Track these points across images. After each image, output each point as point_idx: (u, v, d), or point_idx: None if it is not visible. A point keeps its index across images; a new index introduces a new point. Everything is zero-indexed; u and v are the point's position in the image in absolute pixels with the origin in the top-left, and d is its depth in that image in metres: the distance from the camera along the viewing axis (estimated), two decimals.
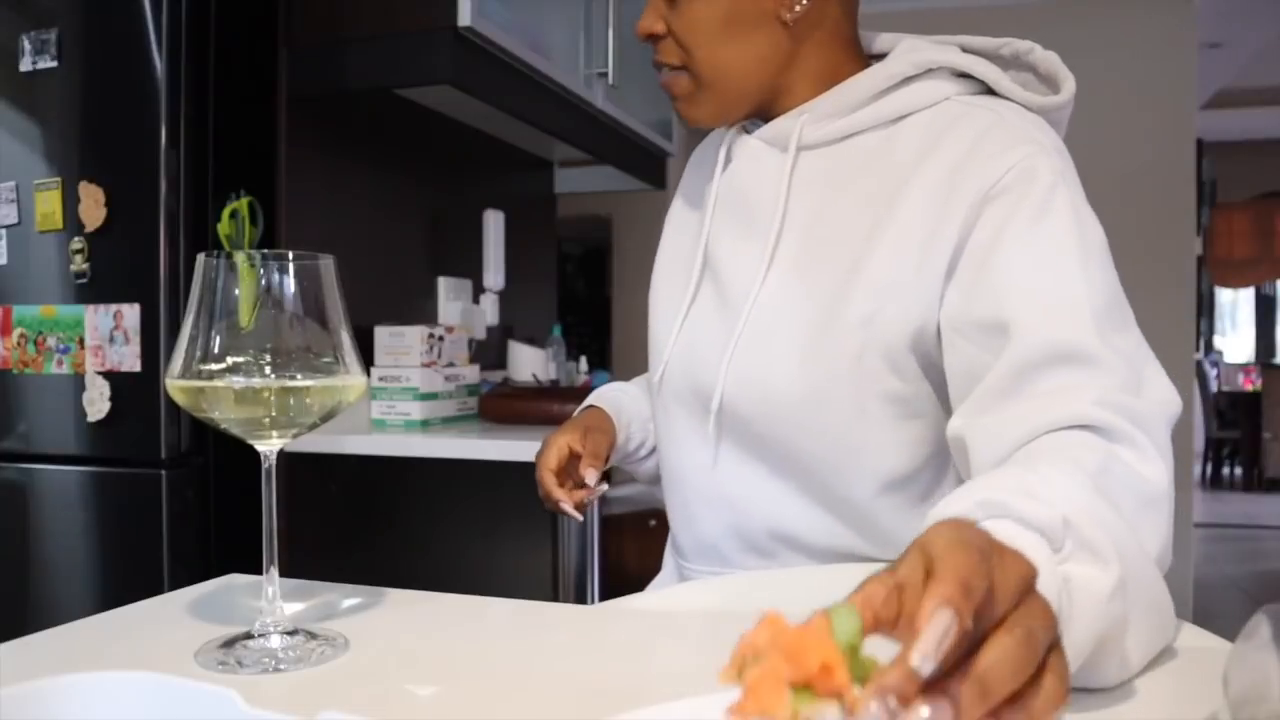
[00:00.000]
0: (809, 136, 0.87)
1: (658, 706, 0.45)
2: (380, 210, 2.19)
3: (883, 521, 0.84)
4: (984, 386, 0.73)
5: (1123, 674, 0.54)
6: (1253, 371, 7.92)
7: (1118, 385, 0.68)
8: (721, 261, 0.91)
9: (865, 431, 0.82)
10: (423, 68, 1.88)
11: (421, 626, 0.71)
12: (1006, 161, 0.76)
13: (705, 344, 0.90)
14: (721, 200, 0.93)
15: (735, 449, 0.89)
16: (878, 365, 0.81)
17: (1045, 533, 0.50)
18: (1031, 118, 0.83)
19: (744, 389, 0.86)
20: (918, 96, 0.84)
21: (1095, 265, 0.75)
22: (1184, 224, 3.19)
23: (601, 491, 0.98)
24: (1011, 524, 0.50)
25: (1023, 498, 0.51)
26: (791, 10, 0.84)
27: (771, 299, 0.85)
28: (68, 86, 1.80)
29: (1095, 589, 0.49)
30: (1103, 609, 0.49)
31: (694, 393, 0.91)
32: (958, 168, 0.78)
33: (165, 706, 0.49)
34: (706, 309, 0.92)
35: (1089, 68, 3.20)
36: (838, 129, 0.86)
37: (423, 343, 1.96)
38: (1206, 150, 5.59)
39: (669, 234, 1.03)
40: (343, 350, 0.64)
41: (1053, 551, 0.50)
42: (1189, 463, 3.27)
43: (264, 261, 0.62)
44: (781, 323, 0.84)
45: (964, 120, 0.81)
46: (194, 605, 0.75)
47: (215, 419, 0.63)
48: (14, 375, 1.85)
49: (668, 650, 0.68)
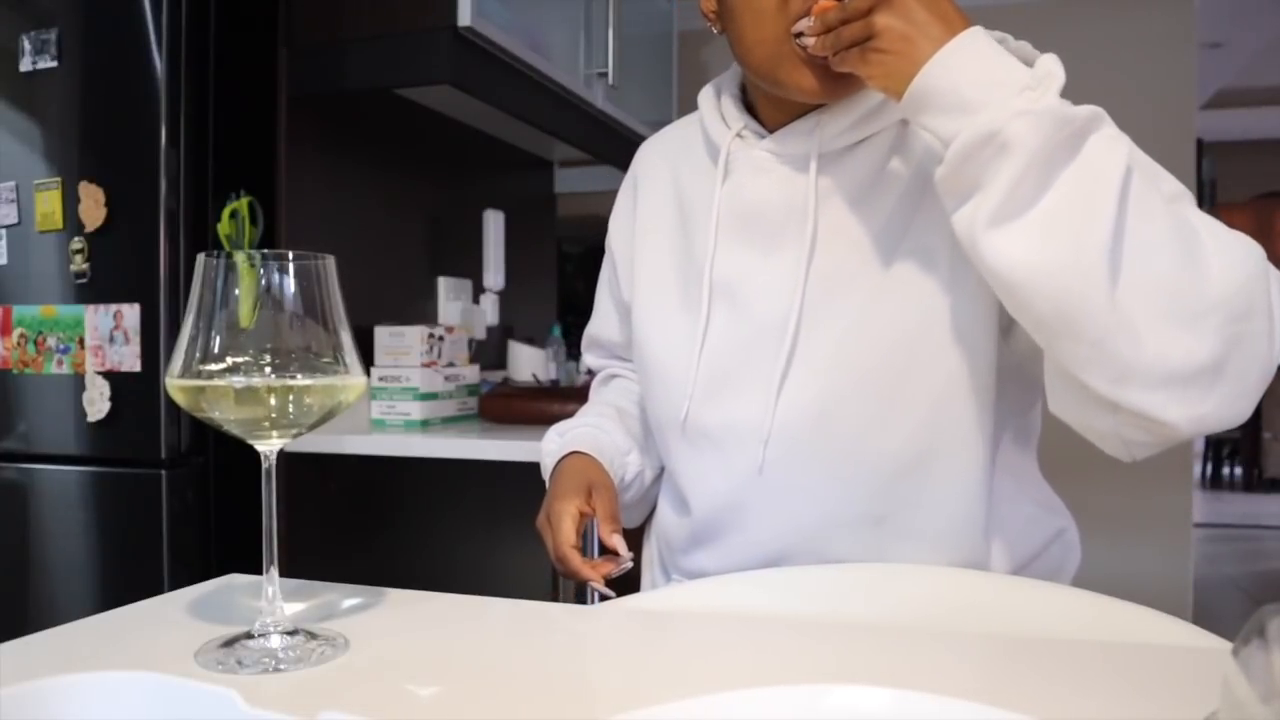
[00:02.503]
0: (827, 143, 0.85)
1: (658, 706, 0.45)
2: (380, 210, 2.19)
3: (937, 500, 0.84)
4: None
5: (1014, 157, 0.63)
6: None
7: None
8: (738, 282, 0.88)
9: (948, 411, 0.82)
10: (422, 68, 1.88)
11: (421, 626, 0.71)
12: None
13: (740, 376, 0.87)
14: (727, 216, 0.89)
15: (782, 473, 0.86)
16: (937, 365, 0.81)
17: (1026, 69, 0.66)
18: None
19: (800, 415, 0.84)
20: None
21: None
22: None
23: (628, 563, 0.87)
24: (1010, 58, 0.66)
25: (1046, 61, 0.67)
26: None
27: (813, 316, 0.84)
28: (68, 86, 1.80)
29: (1004, 104, 0.64)
30: (995, 123, 0.63)
31: (729, 427, 0.87)
32: None
33: (165, 706, 0.49)
34: (727, 334, 0.88)
35: (1089, 68, 3.21)
36: (850, 137, 0.85)
37: (423, 343, 1.96)
38: (1206, 150, 5.59)
39: (646, 247, 0.97)
40: (343, 350, 0.64)
41: (1018, 87, 0.64)
42: (1189, 463, 3.26)
43: (264, 261, 0.62)
44: (830, 336, 0.83)
45: None
46: (194, 605, 0.75)
47: (215, 419, 0.63)
48: (14, 375, 1.85)
49: (668, 650, 0.68)
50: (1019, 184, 0.62)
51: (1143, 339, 0.62)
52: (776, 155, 0.87)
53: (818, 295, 0.84)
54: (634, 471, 1.01)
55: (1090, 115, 0.65)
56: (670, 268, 0.94)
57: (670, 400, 0.92)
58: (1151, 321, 0.62)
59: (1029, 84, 0.64)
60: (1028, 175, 0.62)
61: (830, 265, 0.84)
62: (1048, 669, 0.61)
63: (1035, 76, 0.65)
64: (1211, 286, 0.63)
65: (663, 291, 0.94)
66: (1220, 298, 0.63)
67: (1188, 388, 0.63)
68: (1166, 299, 0.62)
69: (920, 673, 0.61)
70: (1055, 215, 0.62)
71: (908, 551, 0.85)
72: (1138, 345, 0.62)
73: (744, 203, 0.88)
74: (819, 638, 0.70)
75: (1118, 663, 0.61)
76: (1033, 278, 0.63)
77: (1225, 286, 0.63)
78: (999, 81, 0.65)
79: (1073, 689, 0.56)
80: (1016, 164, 0.62)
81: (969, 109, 0.65)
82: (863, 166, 0.85)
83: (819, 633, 0.72)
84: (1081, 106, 0.65)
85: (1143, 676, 0.58)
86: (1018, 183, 0.62)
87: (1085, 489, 3.17)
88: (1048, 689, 0.57)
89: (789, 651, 0.66)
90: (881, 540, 0.85)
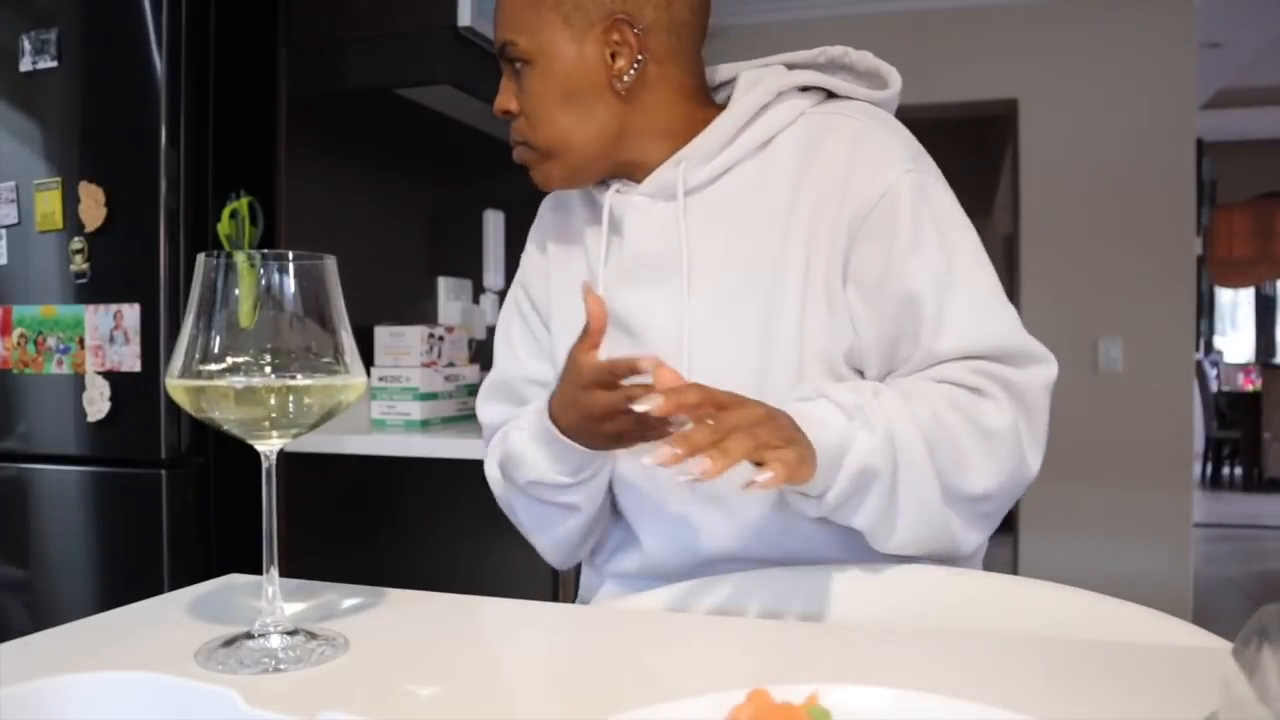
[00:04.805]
0: (692, 180, 0.91)
1: (658, 706, 0.45)
2: (380, 210, 2.19)
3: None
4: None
5: (884, 522, 0.79)
6: (1253, 371, 7.92)
7: (999, 358, 0.84)
8: (632, 317, 0.92)
9: None
10: (422, 68, 1.88)
11: (421, 626, 0.71)
12: (879, 187, 0.85)
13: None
14: (615, 259, 0.94)
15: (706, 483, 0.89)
16: (820, 377, 0.86)
17: (843, 407, 0.77)
18: (879, 113, 0.92)
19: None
20: (778, 118, 0.90)
21: (969, 265, 0.86)
22: (1184, 224, 3.19)
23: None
24: (822, 401, 0.77)
25: (842, 389, 0.79)
26: (620, 80, 0.89)
27: (701, 342, 0.88)
28: (68, 86, 1.80)
29: (862, 442, 0.76)
30: (863, 456, 0.75)
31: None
32: (840, 181, 0.86)
33: (165, 706, 0.49)
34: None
35: (1089, 68, 3.22)
36: (716, 166, 0.90)
37: (423, 343, 1.96)
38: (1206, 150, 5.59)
39: (557, 295, 1.00)
40: (343, 350, 0.64)
41: (847, 419, 0.76)
42: (1189, 463, 3.26)
43: (264, 261, 0.62)
44: (721, 359, 0.87)
45: (833, 131, 0.89)
46: (194, 605, 0.75)
47: (215, 419, 0.63)
48: (14, 375, 1.85)
49: (668, 650, 0.68)
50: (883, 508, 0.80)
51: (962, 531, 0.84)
52: (651, 197, 0.92)
53: (706, 319, 0.88)
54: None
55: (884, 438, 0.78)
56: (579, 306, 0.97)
57: None
58: (966, 524, 0.84)
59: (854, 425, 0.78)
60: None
61: (711, 290, 0.89)
62: (1048, 669, 0.61)
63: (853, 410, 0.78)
64: (978, 486, 0.82)
65: (575, 324, 0.95)
66: (985, 491, 0.82)
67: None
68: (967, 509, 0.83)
69: (920, 673, 0.61)
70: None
71: (817, 549, 0.88)
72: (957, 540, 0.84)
73: (629, 248, 0.93)
74: (819, 638, 0.70)
75: (1118, 663, 0.61)
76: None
77: (991, 485, 0.82)
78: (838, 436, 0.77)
79: (1073, 689, 0.56)
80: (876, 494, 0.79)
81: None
82: (732, 194, 0.90)
83: (819, 633, 0.72)
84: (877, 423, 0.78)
85: (1143, 676, 0.59)
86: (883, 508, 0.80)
87: (1085, 489, 3.19)
88: (1048, 689, 0.57)
89: (789, 651, 0.66)
90: (791, 539, 0.88)
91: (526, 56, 0.90)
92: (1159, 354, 3.20)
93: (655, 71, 0.90)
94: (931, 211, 0.86)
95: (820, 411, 0.76)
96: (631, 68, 0.89)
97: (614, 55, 0.89)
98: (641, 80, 0.90)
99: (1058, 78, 3.25)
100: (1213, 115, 5.85)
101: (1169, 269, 3.18)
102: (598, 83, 0.89)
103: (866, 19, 3.34)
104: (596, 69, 0.89)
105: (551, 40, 0.88)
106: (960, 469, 0.80)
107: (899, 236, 0.84)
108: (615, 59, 0.89)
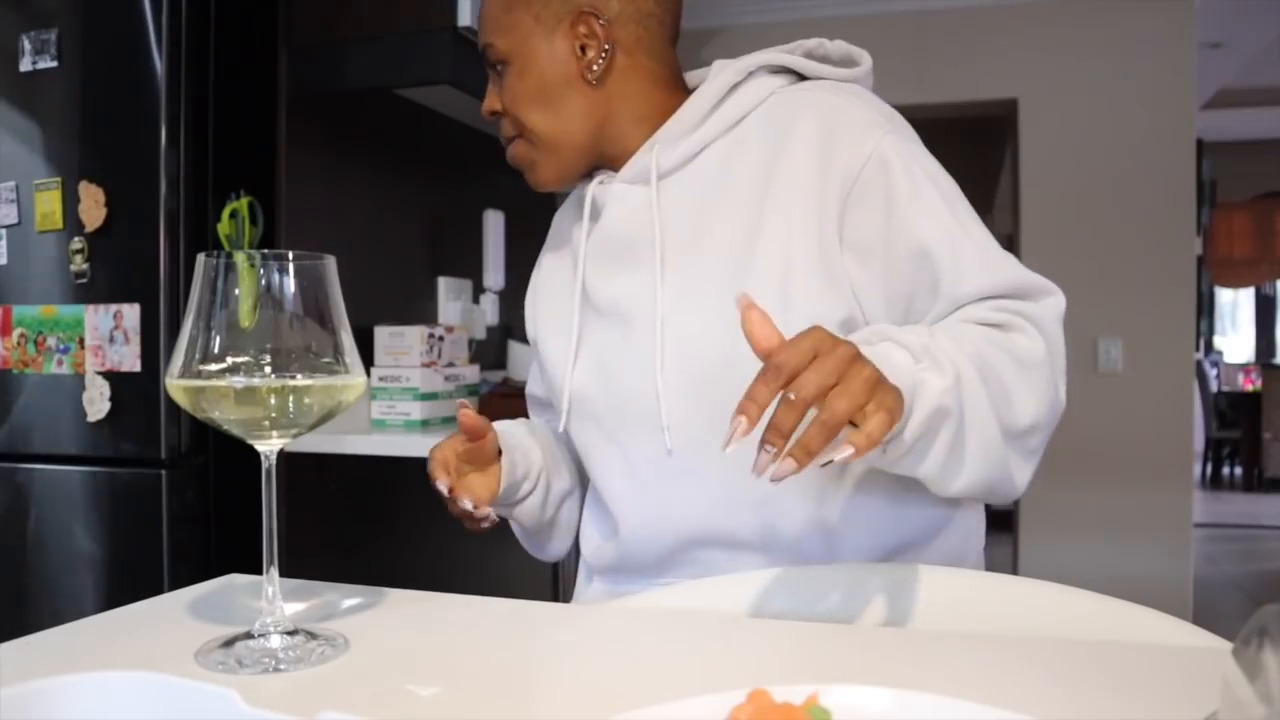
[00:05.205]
0: (665, 162, 0.93)
1: (658, 706, 0.45)
2: (380, 210, 2.19)
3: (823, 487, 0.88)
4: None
5: (951, 465, 0.76)
6: (1253, 371, 7.92)
7: (1016, 295, 0.86)
8: (610, 301, 0.94)
9: None
10: (422, 68, 1.88)
11: (421, 626, 0.71)
12: (864, 151, 0.86)
13: (622, 369, 0.92)
14: (595, 246, 0.97)
15: (685, 456, 0.89)
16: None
17: (910, 349, 0.74)
18: (850, 86, 0.93)
19: (683, 393, 0.88)
20: (748, 97, 0.93)
21: (965, 214, 0.87)
22: (1184, 224, 3.19)
23: (487, 512, 0.87)
24: (888, 344, 0.74)
25: (901, 331, 0.76)
26: (590, 70, 0.93)
27: (676, 323, 0.89)
28: (68, 86, 1.80)
29: (933, 382, 0.72)
30: (936, 397, 0.71)
31: (626, 415, 0.92)
32: (819, 151, 0.87)
33: (165, 706, 0.49)
34: (607, 342, 0.94)
35: (1089, 68, 3.21)
36: (688, 147, 0.93)
37: (423, 343, 1.96)
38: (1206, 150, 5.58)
39: (542, 306, 1.04)
40: (343, 350, 0.64)
41: (913, 361, 0.73)
42: (1189, 463, 3.26)
43: (264, 261, 0.62)
44: (695, 339, 0.88)
45: (804, 104, 0.90)
46: (194, 605, 0.75)
47: (215, 419, 0.63)
48: (14, 375, 1.85)
49: (668, 650, 0.68)
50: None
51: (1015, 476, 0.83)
52: (629, 183, 0.95)
53: (682, 293, 0.89)
54: (536, 466, 1.00)
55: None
56: (560, 305, 1.01)
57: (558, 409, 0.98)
58: (1019, 464, 0.83)
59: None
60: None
61: (686, 264, 0.90)
62: (1048, 669, 0.61)
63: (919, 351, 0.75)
64: (1025, 419, 0.81)
65: (556, 328, 1.01)
66: (1032, 423, 0.82)
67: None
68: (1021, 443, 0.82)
69: (920, 673, 0.61)
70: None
71: (792, 526, 0.88)
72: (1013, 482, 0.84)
73: (608, 232, 0.96)
74: (819, 638, 0.70)
75: (1118, 663, 0.61)
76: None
77: (1037, 416, 0.82)
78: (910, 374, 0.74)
79: (1073, 689, 0.56)
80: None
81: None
82: (705, 174, 0.92)
83: (819, 633, 0.72)
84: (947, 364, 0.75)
85: (1143, 676, 0.59)
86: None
87: (1085, 489, 3.19)
88: (1048, 689, 0.57)
89: (789, 651, 0.66)
90: (768, 510, 0.88)
91: (505, 57, 0.95)
92: (1159, 354, 3.19)
93: (625, 61, 0.94)
94: (921, 167, 0.87)
95: (891, 354, 0.73)
96: (600, 57, 0.92)
97: (583, 48, 0.93)
98: (611, 69, 0.93)
99: (1058, 78, 3.24)
100: (1213, 115, 5.86)
101: (1169, 269, 3.18)
102: (569, 75, 0.93)
103: (866, 19, 3.34)
104: (567, 62, 0.93)
105: (524, 40, 0.93)
106: (1008, 403, 0.79)
107: (896, 193, 0.85)
108: (585, 51, 0.93)
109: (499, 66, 0.96)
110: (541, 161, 0.97)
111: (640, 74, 0.95)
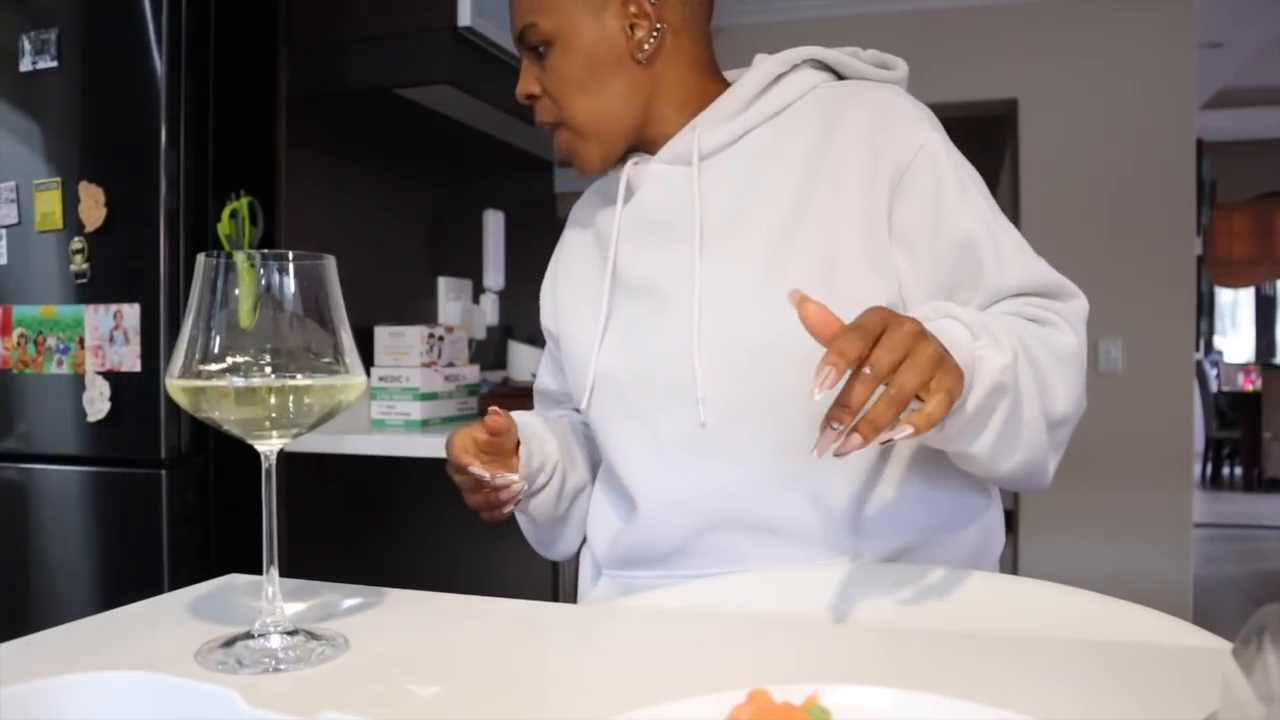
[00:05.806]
0: (707, 144, 0.93)
1: (658, 706, 0.45)
2: (380, 210, 2.19)
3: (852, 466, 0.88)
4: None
5: (1003, 443, 0.76)
6: (1253, 371, 7.92)
7: (1047, 294, 0.88)
8: (644, 275, 0.94)
9: None
10: (422, 68, 1.88)
11: (421, 626, 0.71)
12: (915, 142, 0.88)
13: (654, 344, 0.91)
14: (630, 226, 0.96)
15: (718, 432, 0.89)
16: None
17: (969, 326, 0.73)
18: (894, 86, 0.95)
19: (719, 368, 0.88)
20: (792, 89, 0.94)
21: (1000, 214, 0.90)
22: (1184, 224, 3.19)
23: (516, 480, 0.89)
24: (949, 320, 0.73)
25: (960, 309, 0.75)
26: (641, 49, 0.93)
27: (714, 301, 0.89)
28: (68, 86, 1.80)
29: (992, 359, 0.72)
30: (996, 374, 0.71)
31: (657, 389, 0.91)
32: (869, 139, 0.88)
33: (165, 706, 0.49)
34: (637, 317, 0.94)
35: (1089, 68, 3.21)
36: (731, 130, 0.93)
37: (423, 343, 1.96)
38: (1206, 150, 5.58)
39: (563, 304, 1.03)
40: (343, 350, 0.64)
41: (972, 338, 0.72)
42: (1189, 463, 3.26)
43: (264, 261, 0.62)
44: (731, 318, 0.88)
45: (855, 96, 0.92)
46: (194, 605, 0.75)
47: (215, 419, 0.63)
48: (14, 375, 1.85)
49: (668, 650, 0.68)
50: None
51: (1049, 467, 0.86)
52: (668, 164, 0.95)
53: (718, 270, 0.89)
54: (552, 459, 0.99)
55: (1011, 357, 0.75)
56: (587, 285, 1.00)
57: (582, 389, 0.97)
58: (1052, 455, 0.85)
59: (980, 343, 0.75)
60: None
61: (725, 243, 0.90)
62: (1048, 669, 0.61)
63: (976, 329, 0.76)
64: (1059, 409, 0.83)
65: (579, 307, 1.00)
66: (1064, 414, 0.83)
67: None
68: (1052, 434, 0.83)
69: (920, 673, 0.61)
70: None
71: (822, 508, 0.87)
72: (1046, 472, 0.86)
73: (644, 212, 0.96)
74: (819, 638, 0.70)
75: (1118, 663, 0.61)
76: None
77: (1069, 408, 0.83)
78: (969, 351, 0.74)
79: (1073, 689, 0.56)
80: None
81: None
82: (745, 158, 0.93)
83: (819, 633, 0.72)
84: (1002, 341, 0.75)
85: (1143, 676, 0.59)
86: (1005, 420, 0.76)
87: (1085, 489, 3.18)
88: (1048, 689, 0.57)
89: (789, 651, 0.66)
90: (797, 500, 0.87)
91: (548, 37, 0.93)
92: (1159, 354, 3.19)
93: (672, 42, 0.94)
94: (965, 166, 0.90)
95: (951, 329, 0.73)
96: (651, 37, 0.93)
97: (633, 26, 0.92)
98: (659, 50, 0.94)
99: (1058, 78, 3.24)
100: (1213, 115, 5.86)
101: (1169, 269, 3.18)
102: (619, 54, 0.93)
103: (866, 19, 3.34)
104: (617, 40, 0.92)
105: (571, 18, 0.92)
106: (1048, 392, 0.80)
107: (945, 185, 0.87)
108: (634, 30, 0.93)
109: (540, 47, 0.94)
110: (588, 147, 0.96)
111: (684, 56, 0.95)
